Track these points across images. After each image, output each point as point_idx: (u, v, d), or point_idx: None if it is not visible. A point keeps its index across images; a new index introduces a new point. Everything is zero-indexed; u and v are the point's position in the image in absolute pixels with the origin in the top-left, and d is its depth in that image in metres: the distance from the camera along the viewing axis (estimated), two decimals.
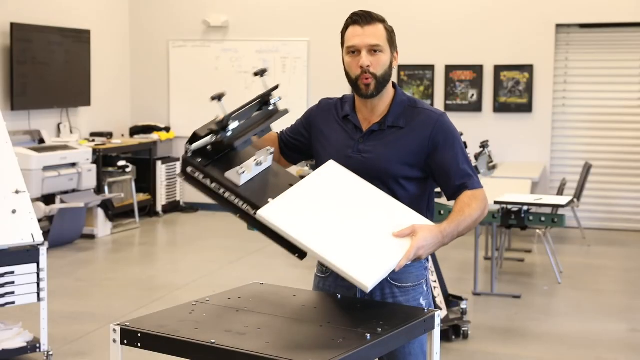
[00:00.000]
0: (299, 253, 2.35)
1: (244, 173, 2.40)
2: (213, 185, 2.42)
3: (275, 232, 2.34)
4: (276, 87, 2.64)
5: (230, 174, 2.42)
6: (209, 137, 2.47)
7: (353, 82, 2.63)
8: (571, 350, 5.03)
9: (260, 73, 2.61)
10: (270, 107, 2.63)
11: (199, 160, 2.46)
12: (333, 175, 2.55)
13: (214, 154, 2.47)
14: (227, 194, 2.40)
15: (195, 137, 2.48)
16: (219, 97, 2.47)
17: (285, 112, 2.71)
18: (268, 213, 2.34)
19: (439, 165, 2.60)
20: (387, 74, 2.62)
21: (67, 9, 8.96)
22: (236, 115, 2.51)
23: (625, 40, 8.84)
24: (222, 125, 2.45)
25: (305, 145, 2.81)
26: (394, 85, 2.71)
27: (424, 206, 2.68)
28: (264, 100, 2.61)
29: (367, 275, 2.23)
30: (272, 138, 2.84)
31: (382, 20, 2.63)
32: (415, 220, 2.44)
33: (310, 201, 2.44)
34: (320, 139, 2.74)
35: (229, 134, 2.44)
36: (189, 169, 2.47)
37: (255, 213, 2.36)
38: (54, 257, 7.05)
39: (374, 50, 2.58)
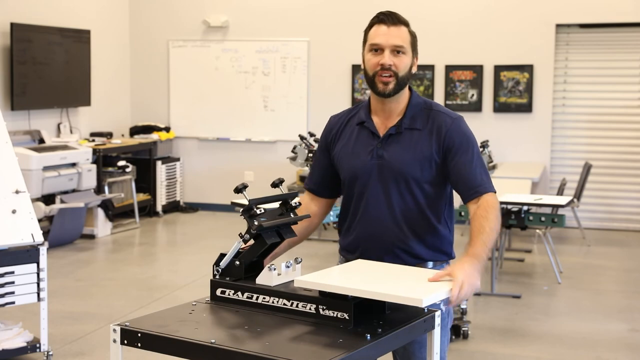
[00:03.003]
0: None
1: (275, 270, 2.38)
2: (245, 296, 2.39)
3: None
4: (296, 194, 2.62)
5: (262, 278, 2.40)
6: (235, 245, 2.46)
7: (370, 79, 2.63)
8: (571, 350, 5.03)
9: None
10: (292, 215, 2.57)
11: (227, 279, 2.46)
12: (360, 263, 2.58)
13: (240, 270, 2.45)
14: (260, 299, 2.37)
15: (222, 257, 2.49)
16: (242, 189, 2.46)
17: (307, 216, 2.70)
18: (306, 277, 2.32)
19: (453, 168, 2.60)
20: (407, 77, 2.63)
21: (67, 9, 8.96)
22: (260, 204, 2.49)
23: (625, 40, 8.84)
24: (250, 212, 2.44)
25: (336, 171, 2.79)
26: (410, 89, 2.71)
27: (443, 209, 2.69)
28: (285, 205, 2.57)
29: (418, 293, 2.21)
30: (305, 205, 2.79)
31: (407, 24, 2.64)
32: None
33: (344, 270, 2.46)
34: (339, 151, 2.74)
35: (256, 222, 2.43)
36: (218, 292, 2.45)
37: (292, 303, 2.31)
38: (54, 257, 7.05)
39: (397, 51, 2.59)
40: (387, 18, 2.61)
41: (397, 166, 2.61)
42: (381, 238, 2.63)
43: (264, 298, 2.36)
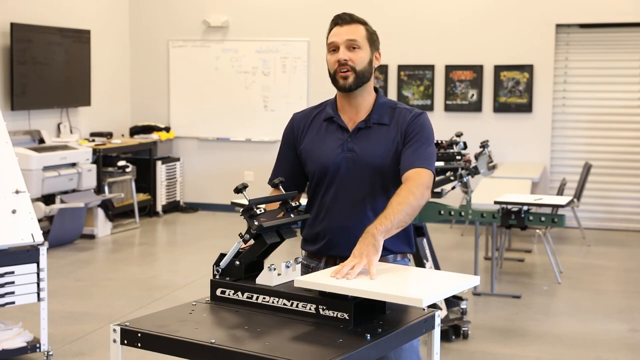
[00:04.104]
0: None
1: (275, 270, 2.39)
2: (245, 296, 2.40)
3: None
4: (295, 194, 2.66)
5: (262, 278, 2.41)
6: (235, 245, 2.47)
7: (332, 77, 2.71)
8: (571, 350, 5.03)
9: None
10: (292, 215, 2.57)
11: (227, 279, 2.46)
12: None
13: (240, 270, 2.46)
14: (260, 299, 2.38)
15: (222, 257, 2.49)
16: (242, 189, 2.46)
17: (307, 216, 2.74)
18: (306, 277, 2.34)
19: (402, 153, 2.67)
20: (367, 70, 2.70)
21: (67, 9, 8.96)
22: (260, 204, 2.49)
23: (625, 40, 8.84)
24: (250, 212, 2.45)
25: (302, 167, 2.83)
26: (376, 89, 2.80)
27: None
28: (285, 205, 2.59)
29: (418, 293, 2.22)
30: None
31: (363, 23, 2.73)
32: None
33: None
34: (307, 146, 2.79)
35: (256, 222, 2.43)
36: (218, 292, 2.46)
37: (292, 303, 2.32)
38: (54, 257, 7.06)
39: (352, 46, 2.67)
40: (341, 19, 2.71)
41: (367, 159, 2.68)
42: (349, 229, 2.67)
43: (264, 298, 2.37)
